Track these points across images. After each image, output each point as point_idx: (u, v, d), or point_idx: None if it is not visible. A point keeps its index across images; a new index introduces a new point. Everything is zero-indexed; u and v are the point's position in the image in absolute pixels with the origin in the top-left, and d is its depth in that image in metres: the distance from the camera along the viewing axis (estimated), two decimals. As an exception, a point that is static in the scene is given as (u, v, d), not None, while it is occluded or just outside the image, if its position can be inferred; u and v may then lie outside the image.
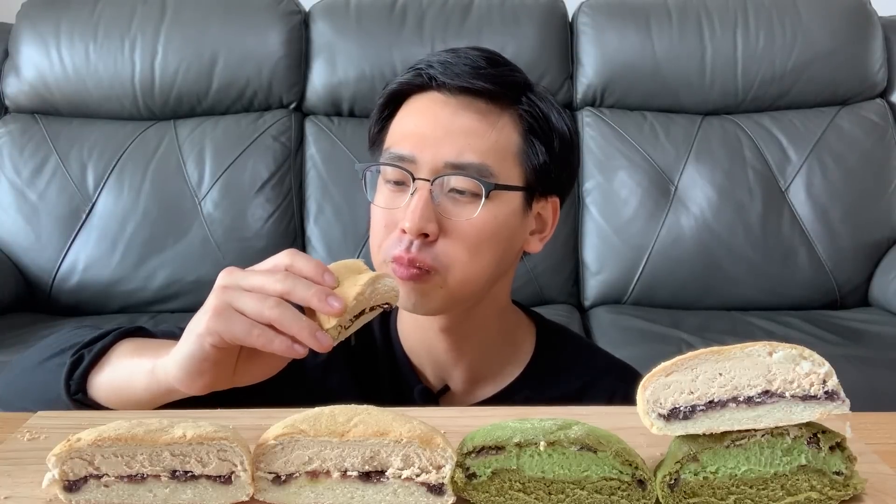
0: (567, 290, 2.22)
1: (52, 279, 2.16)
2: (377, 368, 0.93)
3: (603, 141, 2.24)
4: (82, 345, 0.80)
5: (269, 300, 0.67)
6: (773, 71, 2.25)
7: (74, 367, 0.78)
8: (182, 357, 0.70)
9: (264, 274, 0.69)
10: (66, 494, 0.56)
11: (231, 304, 0.68)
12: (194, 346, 0.69)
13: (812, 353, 0.55)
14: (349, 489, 0.57)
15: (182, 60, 2.24)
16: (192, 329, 0.69)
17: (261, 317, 0.67)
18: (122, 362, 0.78)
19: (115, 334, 0.80)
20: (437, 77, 0.84)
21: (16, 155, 2.22)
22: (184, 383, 0.71)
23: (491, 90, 0.83)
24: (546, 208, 0.90)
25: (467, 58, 0.84)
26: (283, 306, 0.67)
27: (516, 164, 0.85)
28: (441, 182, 0.82)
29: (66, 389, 0.77)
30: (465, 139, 0.82)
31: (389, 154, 0.85)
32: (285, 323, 0.66)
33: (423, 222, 0.80)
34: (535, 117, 0.86)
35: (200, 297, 0.70)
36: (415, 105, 0.86)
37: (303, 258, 0.70)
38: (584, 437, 0.55)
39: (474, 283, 0.84)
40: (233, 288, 0.69)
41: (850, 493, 0.57)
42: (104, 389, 0.78)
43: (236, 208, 2.18)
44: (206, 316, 0.68)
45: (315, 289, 0.68)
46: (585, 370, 0.94)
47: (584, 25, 2.30)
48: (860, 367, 1.71)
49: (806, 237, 2.19)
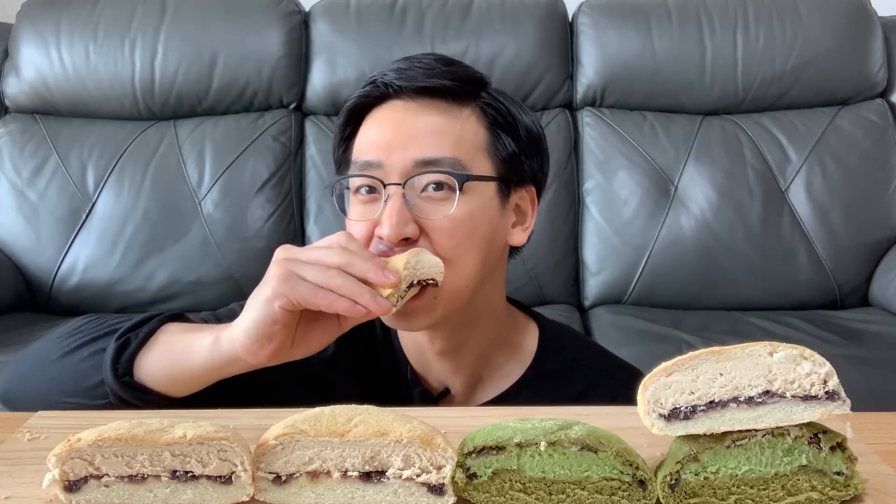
0: (567, 290, 2.21)
1: (52, 279, 2.16)
2: (379, 371, 0.93)
3: (603, 141, 2.24)
4: (126, 329, 0.80)
5: (330, 270, 0.71)
6: (773, 71, 2.25)
7: (121, 349, 0.78)
8: (250, 323, 0.72)
9: (322, 249, 0.74)
10: (66, 494, 0.56)
11: (294, 272, 0.71)
12: (264, 311, 0.71)
13: (813, 353, 0.55)
14: (350, 489, 0.57)
15: (182, 60, 2.23)
16: (259, 296, 0.72)
17: (325, 284, 0.71)
18: (174, 340, 0.79)
19: (160, 318, 0.81)
20: (394, 83, 0.85)
21: (16, 155, 2.22)
22: (251, 350, 0.73)
23: (449, 86, 0.84)
24: (524, 199, 0.91)
25: (421, 62, 0.86)
26: (344, 276, 0.71)
27: (486, 157, 0.85)
28: (413, 183, 0.81)
29: (114, 372, 0.77)
30: (432, 137, 0.83)
31: (356, 164, 0.85)
32: (347, 290, 0.71)
33: (401, 227, 0.80)
34: (497, 110, 0.87)
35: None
36: (376, 117, 0.87)
37: (357, 243, 0.75)
38: (585, 437, 0.55)
39: (463, 283, 0.83)
40: (293, 260, 0.72)
41: (851, 494, 0.57)
42: (155, 368, 0.78)
43: (236, 208, 2.18)
44: (273, 282, 0.71)
45: (372, 262, 0.72)
46: (588, 372, 0.94)
47: (584, 25, 2.30)
48: (860, 367, 1.71)
49: (806, 237, 2.19)
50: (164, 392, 0.77)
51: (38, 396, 0.82)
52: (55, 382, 0.82)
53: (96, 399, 0.77)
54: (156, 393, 0.77)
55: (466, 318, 0.87)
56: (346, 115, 0.89)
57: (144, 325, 0.80)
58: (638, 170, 2.20)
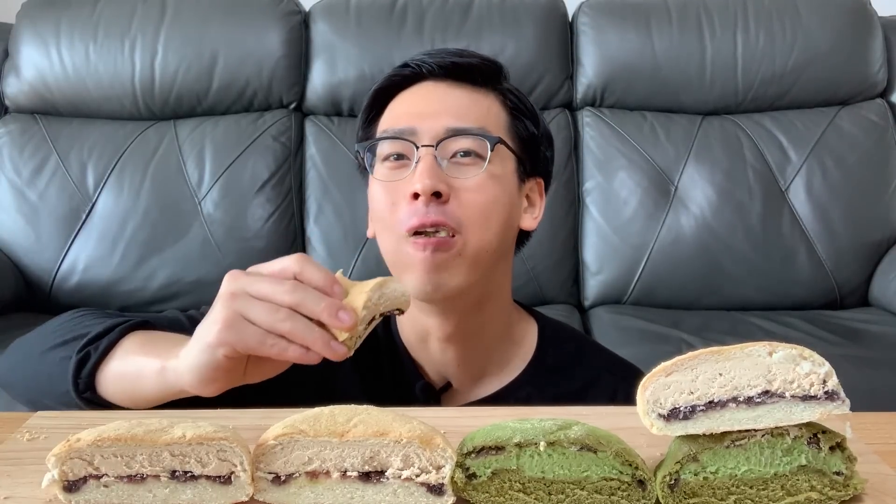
0: (567, 290, 2.22)
1: (52, 279, 2.16)
2: (380, 365, 0.93)
3: (603, 141, 2.24)
4: (88, 340, 0.79)
5: (280, 312, 0.66)
6: (773, 71, 2.25)
7: (81, 363, 0.78)
8: (194, 366, 0.69)
9: (273, 282, 0.68)
10: (65, 495, 0.56)
11: (241, 314, 0.67)
12: (206, 357, 0.68)
13: (812, 353, 0.55)
14: (349, 489, 0.57)
15: (182, 60, 2.23)
16: (203, 338, 0.68)
17: (273, 329, 0.66)
18: (129, 360, 0.77)
19: (120, 329, 0.79)
20: (426, 61, 0.89)
21: (16, 155, 2.22)
22: (196, 388, 0.70)
23: (477, 65, 0.90)
24: (533, 190, 0.94)
25: (446, 50, 0.92)
26: (295, 318, 0.66)
27: (508, 137, 0.89)
28: (444, 146, 0.85)
29: (75, 388, 0.77)
30: (463, 109, 0.87)
31: (386, 132, 0.88)
32: (298, 336, 0.66)
33: (434, 181, 0.81)
34: (517, 97, 0.93)
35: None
36: (404, 95, 0.91)
37: (312, 267, 0.69)
38: (585, 437, 0.55)
39: (487, 248, 0.85)
40: (241, 296, 0.67)
41: (851, 494, 0.57)
42: (112, 388, 0.78)
43: (236, 208, 2.18)
44: (217, 327, 0.67)
45: (325, 303, 0.66)
46: (587, 368, 0.95)
47: (584, 25, 2.30)
48: (860, 367, 1.71)
49: (806, 237, 2.19)
50: (126, 408, 0.77)
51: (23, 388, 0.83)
52: (33, 380, 0.83)
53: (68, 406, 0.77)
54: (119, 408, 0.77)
55: (479, 298, 0.88)
56: (373, 96, 0.93)
57: (106, 336, 0.79)
58: (638, 170, 2.20)
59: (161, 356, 0.74)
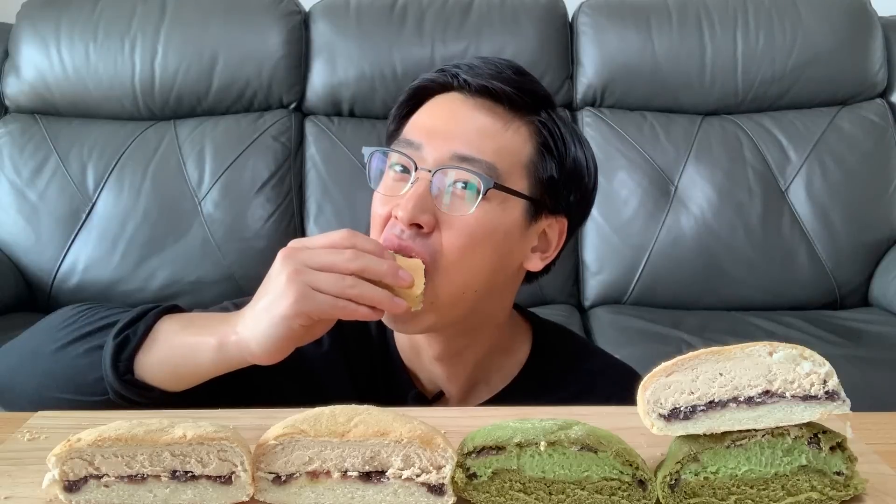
0: (567, 290, 2.21)
1: (52, 279, 2.16)
2: (374, 371, 0.93)
3: (603, 141, 2.24)
4: (123, 325, 0.79)
5: (346, 279, 0.72)
6: (773, 71, 2.25)
7: (120, 348, 0.77)
8: (265, 338, 0.73)
9: (334, 253, 0.73)
10: (66, 494, 0.56)
11: (311, 285, 0.72)
12: (281, 328, 0.72)
13: (812, 353, 0.55)
14: (349, 489, 0.57)
15: (182, 60, 2.23)
16: (274, 311, 0.72)
17: (343, 294, 0.72)
18: (174, 339, 0.78)
19: (155, 313, 0.80)
20: (460, 75, 0.84)
21: (16, 155, 2.22)
22: (263, 359, 0.75)
23: (510, 93, 0.83)
24: (553, 227, 0.88)
25: (494, 64, 0.86)
26: (361, 283, 0.73)
27: (525, 174, 0.84)
28: (443, 174, 0.81)
29: (115, 370, 0.76)
30: (477, 136, 0.82)
31: (399, 141, 0.85)
32: (366, 297, 0.73)
33: (416, 212, 0.79)
34: (552, 132, 0.85)
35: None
36: (435, 102, 0.87)
37: (363, 237, 0.76)
38: (585, 437, 0.55)
39: (465, 291, 0.82)
40: (304, 270, 0.72)
41: (851, 494, 0.57)
42: (157, 367, 0.77)
43: (236, 208, 2.18)
44: (290, 300, 0.71)
45: (386, 265, 0.74)
46: (581, 374, 0.93)
47: (584, 25, 2.30)
48: (860, 367, 1.71)
49: (806, 237, 2.19)
50: (167, 389, 0.78)
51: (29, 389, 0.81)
52: (48, 377, 0.81)
53: (93, 395, 0.77)
54: (158, 390, 0.77)
55: (466, 328, 0.86)
56: (409, 93, 0.90)
57: (140, 320, 0.79)
58: (638, 170, 2.20)
59: (213, 333, 0.76)
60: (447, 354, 0.89)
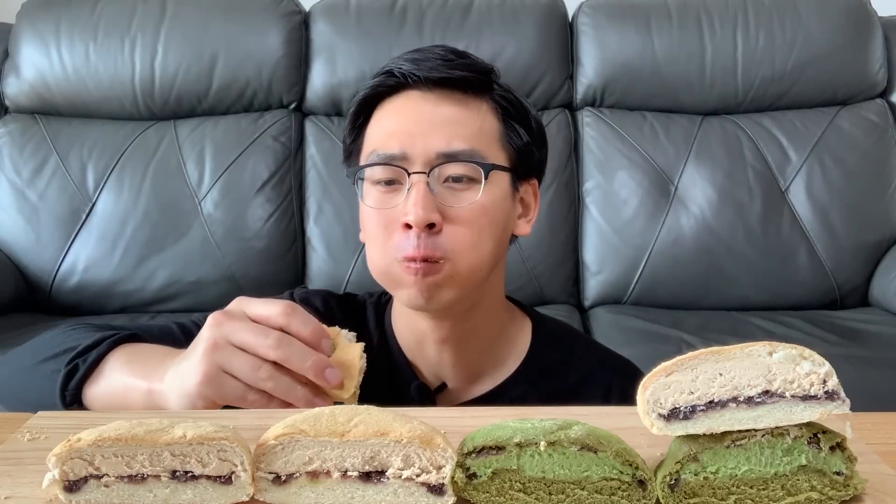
0: (567, 290, 2.22)
1: (52, 279, 2.16)
2: (375, 365, 0.93)
3: (603, 141, 2.24)
4: (77, 353, 0.78)
5: (263, 369, 0.65)
6: (773, 71, 2.25)
7: (69, 376, 0.77)
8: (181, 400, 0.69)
9: (258, 333, 0.66)
10: (66, 495, 0.56)
11: (222, 367, 0.66)
12: (188, 401, 0.68)
13: (812, 353, 0.55)
14: (349, 489, 0.57)
15: (182, 60, 2.24)
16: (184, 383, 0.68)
17: (255, 385, 0.66)
18: (114, 375, 0.77)
19: (108, 343, 0.79)
20: (413, 73, 0.84)
21: (16, 155, 2.22)
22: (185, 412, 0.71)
23: (468, 77, 0.85)
24: (528, 192, 0.92)
25: (434, 53, 0.86)
26: (277, 377, 0.65)
27: (501, 148, 0.87)
28: (436, 173, 0.82)
29: (62, 399, 0.76)
30: (452, 128, 0.83)
31: (377, 155, 0.84)
32: (280, 394, 0.66)
33: (427, 213, 0.80)
34: (510, 101, 0.89)
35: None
36: (392, 106, 0.87)
37: (300, 319, 0.68)
38: (585, 437, 0.55)
39: (480, 267, 0.85)
40: (223, 347, 0.67)
41: (851, 494, 0.57)
42: (98, 401, 0.77)
43: (236, 208, 2.18)
44: (197, 379, 0.66)
45: (311, 360, 0.66)
46: (581, 364, 0.95)
47: (584, 25, 2.30)
48: (860, 367, 1.72)
49: (806, 237, 2.19)
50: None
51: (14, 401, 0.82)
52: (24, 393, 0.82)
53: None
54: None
55: (471, 304, 0.88)
56: (359, 104, 0.89)
57: (94, 349, 0.78)
58: (638, 170, 2.20)
59: (147, 377, 0.73)
60: (453, 337, 0.89)
